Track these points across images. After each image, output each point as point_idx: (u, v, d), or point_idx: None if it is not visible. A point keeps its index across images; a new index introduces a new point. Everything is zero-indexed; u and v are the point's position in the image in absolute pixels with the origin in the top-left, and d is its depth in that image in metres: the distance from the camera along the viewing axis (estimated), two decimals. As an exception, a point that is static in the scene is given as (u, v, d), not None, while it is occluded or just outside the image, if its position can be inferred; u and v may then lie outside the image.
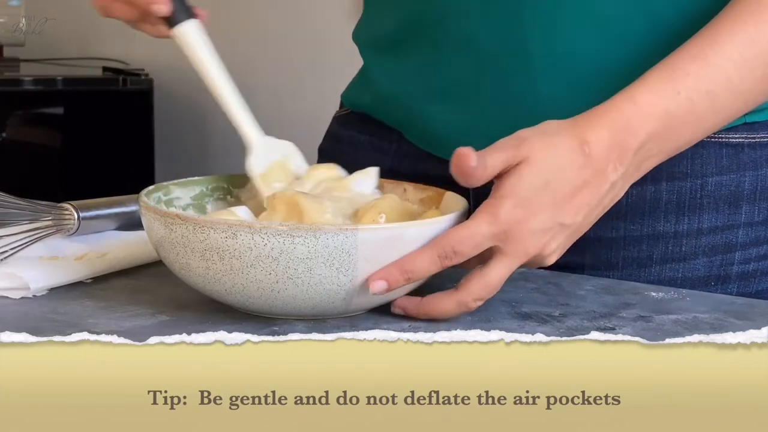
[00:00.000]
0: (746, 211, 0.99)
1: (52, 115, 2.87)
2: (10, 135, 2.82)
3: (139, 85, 2.87)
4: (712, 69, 0.88)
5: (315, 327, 0.81)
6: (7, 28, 3.03)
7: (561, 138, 0.84)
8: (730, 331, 0.82)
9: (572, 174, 0.83)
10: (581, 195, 0.84)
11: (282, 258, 0.77)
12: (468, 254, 0.81)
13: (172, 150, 3.01)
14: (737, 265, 1.00)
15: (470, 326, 0.81)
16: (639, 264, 0.99)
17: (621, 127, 0.85)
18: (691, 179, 0.98)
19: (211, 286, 0.81)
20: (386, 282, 0.79)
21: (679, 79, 0.87)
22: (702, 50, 0.88)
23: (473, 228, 0.81)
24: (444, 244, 0.80)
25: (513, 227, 0.81)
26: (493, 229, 0.81)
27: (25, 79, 2.88)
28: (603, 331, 0.82)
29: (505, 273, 0.83)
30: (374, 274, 0.79)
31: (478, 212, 0.82)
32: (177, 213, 0.82)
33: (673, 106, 0.87)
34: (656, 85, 0.87)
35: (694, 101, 0.88)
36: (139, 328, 0.80)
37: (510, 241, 0.82)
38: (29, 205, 0.95)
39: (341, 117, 1.16)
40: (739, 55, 0.88)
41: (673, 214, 0.99)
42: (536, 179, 0.82)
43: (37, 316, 0.82)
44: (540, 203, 0.82)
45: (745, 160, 0.99)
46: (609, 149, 0.85)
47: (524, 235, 0.82)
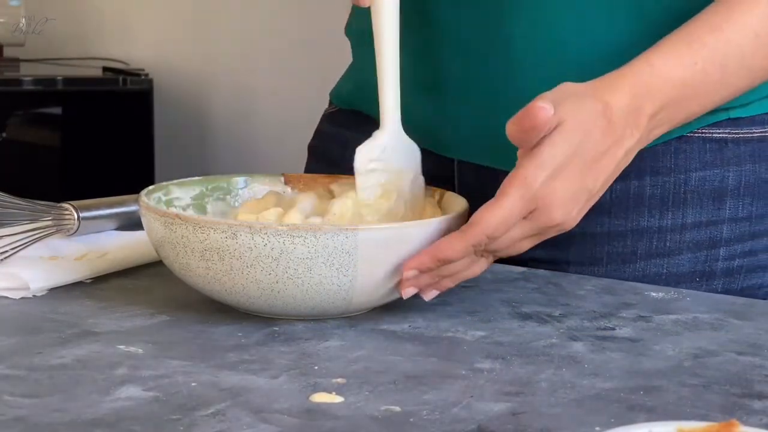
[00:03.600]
0: (730, 206, 0.99)
1: (51, 115, 2.88)
2: (10, 135, 2.82)
3: (139, 85, 2.87)
4: (726, 43, 0.88)
5: (315, 327, 0.81)
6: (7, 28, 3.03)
7: (588, 102, 0.83)
8: (730, 331, 0.82)
9: (597, 139, 0.83)
10: (602, 160, 0.84)
11: (282, 258, 0.77)
12: (503, 237, 0.80)
13: (172, 150, 3.01)
14: (722, 261, 0.99)
15: (471, 326, 0.82)
16: (623, 259, 0.99)
17: (641, 92, 0.85)
18: (675, 174, 0.98)
19: (211, 286, 0.81)
20: (419, 271, 0.80)
21: (697, 50, 0.88)
22: (719, 23, 0.89)
23: (508, 209, 0.80)
24: (479, 233, 0.79)
25: (543, 198, 0.81)
26: (527, 205, 0.80)
27: (25, 79, 2.88)
28: (603, 330, 0.82)
29: (521, 233, 0.82)
30: (407, 262, 0.79)
31: (509, 188, 0.80)
32: (177, 213, 0.82)
33: (689, 76, 0.88)
34: (674, 53, 0.87)
35: (708, 73, 0.88)
36: (139, 328, 0.80)
37: (538, 210, 0.81)
38: (29, 205, 0.95)
39: (330, 115, 1.16)
40: (753, 31, 0.89)
41: (657, 209, 0.98)
42: (568, 147, 0.81)
43: (37, 316, 0.82)
44: (569, 171, 0.82)
45: (728, 156, 0.99)
46: (627, 113, 0.85)
47: (554, 203, 0.81)
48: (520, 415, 0.65)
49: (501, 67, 0.97)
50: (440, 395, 0.68)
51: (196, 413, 0.64)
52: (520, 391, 0.69)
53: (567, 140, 0.81)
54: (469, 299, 0.87)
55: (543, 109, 0.79)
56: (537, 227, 0.82)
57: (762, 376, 0.73)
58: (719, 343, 0.79)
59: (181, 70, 3.02)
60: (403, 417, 0.65)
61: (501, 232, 0.80)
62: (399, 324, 0.82)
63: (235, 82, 2.91)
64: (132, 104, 2.88)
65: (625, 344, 0.79)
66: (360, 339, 0.79)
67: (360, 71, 1.11)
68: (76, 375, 0.70)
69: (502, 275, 0.94)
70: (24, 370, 0.70)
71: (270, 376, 0.70)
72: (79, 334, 0.78)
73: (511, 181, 0.80)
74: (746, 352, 0.77)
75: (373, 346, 0.77)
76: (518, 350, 0.77)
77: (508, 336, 0.80)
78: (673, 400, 0.68)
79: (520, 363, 0.74)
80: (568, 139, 0.81)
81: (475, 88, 0.98)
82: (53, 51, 3.16)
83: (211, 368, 0.72)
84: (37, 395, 0.66)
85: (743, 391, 0.70)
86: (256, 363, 0.73)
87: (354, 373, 0.72)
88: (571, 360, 0.75)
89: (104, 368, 0.71)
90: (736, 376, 0.73)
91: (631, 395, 0.69)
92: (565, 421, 0.65)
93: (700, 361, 0.75)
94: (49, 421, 0.63)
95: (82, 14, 3.24)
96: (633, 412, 0.66)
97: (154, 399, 0.66)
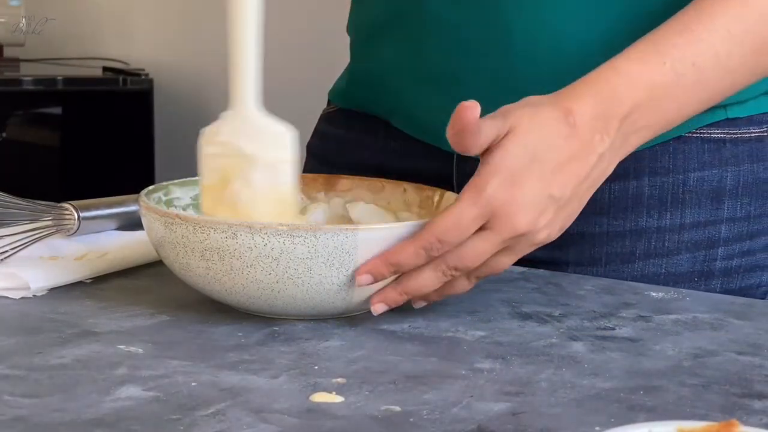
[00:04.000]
0: (728, 206, 0.99)
1: (51, 115, 2.88)
2: (10, 135, 2.82)
3: (139, 85, 2.87)
4: (698, 43, 0.87)
5: (315, 327, 0.81)
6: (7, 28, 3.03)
7: (545, 109, 0.82)
8: (730, 331, 0.82)
9: (558, 145, 0.81)
10: (569, 167, 0.82)
11: (282, 258, 0.77)
12: (455, 242, 0.78)
13: (172, 150, 3.01)
14: (720, 261, 0.99)
15: (471, 326, 0.82)
16: (622, 260, 0.99)
17: (605, 96, 0.84)
18: (674, 174, 0.98)
19: (211, 286, 0.81)
20: (372, 276, 0.78)
21: (665, 51, 0.86)
22: (688, 24, 0.87)
23: (458, 214, 0.78)
24: (428, 236, 0.78)
25: (501, 205, 0.79)
26: (479, 210, 0.78)
27: (25, 79, 2.88)
28: (603, 330, 0.82)
29: (486, 246, 0.80)
30: (361, 267, 0.78)
31: (462, 194, 0.79)
32: (177, 213, 0.82)
33: (658, 76, 0.86)
34: (641, 56, 0.86)
35: (680, 72, 0.86)
36: (139, 328, 0.80)
37: (496, 217, 0.79)
38: (29, 205, 0.95)
39: (328, 114, 1.16)
40: (726, 30, 0.87)
41: (655, 209, 0.99)
42: (523, 152, 0.80)
43: (37, 316, 0.82)
44: (527, 177, 0.80)
45: (726, 156, 0.99)
46: (594, 118, 0.83)
47: (512, 210, 0.79)
48: (520, 415, 0.65)
49: (500, 61, 0.97)
50: (440, 395, 0.68)
51: (196, 413, 0.64)
52: (520, 391, 0.69)
53: (519, 145, 0.80)
54: (469, 299, 0.87)
55: (467, 109, 0.78)
56: (502, 238, 0.80)
57: (762, 376, 0.73)
58: (719, 343, 0.79)
59: (181, 70, 3.02)
60: (403, 417, 0.65)
61: (452, 236, 0.78)
62: (399, 324, 0.82)
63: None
64: (132, 104, 2.88)
65: (625, 344, 0.79)
66: (360, 339, 0.79)
67: (358, 69, 1.11)
68: (76, 375, 0.70)
69: (502, 275, 0.94)
70: (24, 370, 0.70)
71: (270, 376, 0.70)
72: (79, 334, 0.78)
73: (464, 188, 0.79)
74: (746, 352, 0.77)
75: (373, 346, 0.77)
76: (518, 350, 0.77)
77: (508, 336, 0.80)
78: (673, 400, 0.68)
79: (520, 363, 0.74)
80: (521, 145, 0.80)
81: (475, 82, 0.98)
82: (53, 51, 3.16)
83: (211, 368, 0.72)
84: (37, 395, 0.66)
85: (743, 391, 0.70)
86: (256, 363, 0.73)
87: (354, 373, 0.72)
88: (571, 360, 0.75)
89: (104, 368, 0.71)
90: (736, 376, 0.73)
91: (631, 395, 0.69)
92: (565, 421, 0.65)
93: (700, 361, 0.75)
94: (49, 421, 0.63)
95: (82, 14, 3.24)
96: (633, 412, 0.66)
97: (154, 399, 0.66)
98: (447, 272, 0.80)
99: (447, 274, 0.80)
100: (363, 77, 1.09)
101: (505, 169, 0.79)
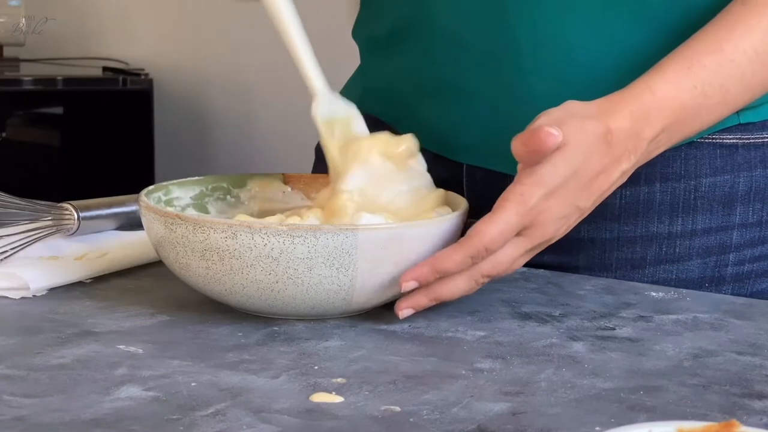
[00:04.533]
0: (740, 212, 0.99)
1: (52, 114, 2.88)
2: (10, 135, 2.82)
3: (139, 85, 2.87)
4: (728, 64, 0.89)
5: (315, 327, 0.81)
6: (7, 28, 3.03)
7: (591, 125, 0.84)
8: (730, 331, 0.82)
9: (595, 161, 0.84)
10: (597, 181, 0.84)
11: (282, 258, 0.77)
12: (498, 249, 0.81)
13: (172, 150, 3.02)
14: (731, 267, 0.99)
15: (471, 326, 0.82)
16: (633, 265, 0.99)
17: (640, 117, 0.86)
18: (685, 180, 0.98)
19: (211, 286, 0.81)
20: (418, 283, 0.80)
21: (696, 73, 0.88)
22: (719, 43, 0.89)
23: (504, 223, 0.80)
24: (477, 244, 0.80)
25: (538, 215, 0.81)
26: (522, 221, 0.81)
27: (25, 79, 2.88)
28: (603, 330, 0.82)
29: (518, 253, 0.82)
30: (405, 274, 0.79)
31: (506, 202, 0.81)
32: (177, 213, 0.82)
33: (688, 99, 0.88)
34: (674, 77, 0.88)
35: (708, 95, 0.89)
36: (139, 328, 0.80)
37: (532, 227, 0.82)
38: (29, 205, 0.95)
39: None
40: (753, 50, 0.89)
41: (666, 215, 0.99)
42: (568, 168, 0.82)
43: (37, 316, 0.82)
44: (566, 190, 0.82)
45: (739, 161, 0.99)
46: (627, 138, 0.85)
47: (548, 221, 0.82)
48: (520, 415, 0.65)
49: (509, 72, 0.97)
50: (440, 395, 0.68)
51: (196, 413, 0.64)
52: (520, 391, 0.69)
53: (567, 162, 0.82)
54: (469, 299, 0.87)
55: (552, 136, 0.80)
56: (532, 245, 0.83)
57: (762, 376, 0.73)
58: (719, 343, 0.79)
59: (181, 70, 3.02)
60: (403, 417, 0.65)
61: (497, 245, 0.80)
62: (399, 324, 0.82)
63: (235, 82, 2.91)
64: (132, 104, 2.88)
65: (625, 344, 0.79)
66: (360, 339, 0.79)
67: (368, 75, 1.11)
68: (76, 375, 0.70)
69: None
70: (24, 370, 0.70)
71: (270, 376, 0.70)
72: (79, 334, 0.78)
73: (507, 195, 0.81)
74: (746, 352, 0.77)
75: (373, 346, 0.77)
76: (518, 350, 0.77)
77: (508, 336, 0.80)
78: (673, 400, 0.68)
79: (520, 363, 0.74)
80: (568, 161, 0.82)
81: (483, 92, 0.98)
82: (53, 51, 3.16)
83: (211, 368, 0.72)
84: (37, 395, 0.66)
85: (743, 391, 0.70)
86: (256, 363, 0.73)
87: (354, 373, 0.72)
88: (571, 360, 0.75)
89: (104, 368, 0.71)
90: (736, 376, 0.73)
91: (631, 395, 0.69)
92: (565, 421, 0.65)
93: (700, 361, 0.75)
94: (49, 421, 0.63)
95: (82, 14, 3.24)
96: (633, 412, 0.66)
97: (154, 399, 0.66)
98: (480, 280, 0.82)
99: (479, 281, 0.82)
100: (372, 85, 1.09)
101: (550, 183, 0.81)
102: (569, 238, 0.93)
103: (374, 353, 0.76)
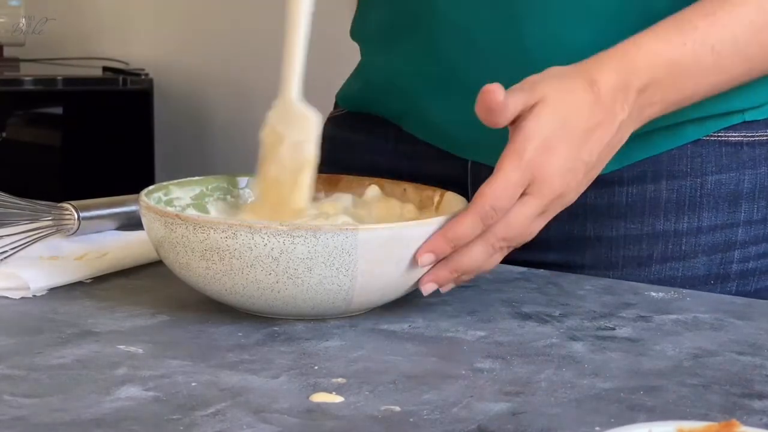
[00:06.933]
0: (745, 209, 0.99)
1: (52, 114, 2.88)
2: (10, 135, 2.82)
3: (139, 85, 2.87)
4: (720, 28, 0.89)
5: (315, 327, 0.81)
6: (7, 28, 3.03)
7: (571, 79, 0.85)
8: (730, 331, 0.82)
9: (585, 112, 0.84)
10: (595, 133, 0.85)
11: (282, 258, 0.77)
12: (506, 207, 0.81)
13: (172, 150, 3.01)
14: (737, 264, 1.00)
15: (471, 326, 0.82)
16: (639, 263, 0.99)
17: (626, 69, 0.86)
18: (691, 178, 0.99)
19: (211, 286, 0.81)
20: (434, 254, 0.80)
21: (687, 32, 0.89)
22: (713, 9, 0.90)
23: (503, 179, 0.81)
24: (483, 204, 0.80)
25: (539, 169, 0.82)
26: (521, 173, 0.81)
27: (25, 79, 2.88)
28: (603, 330, 0.82)
29: (530, 212, 0.82)
30: (422, 246, 0.79)
31: (502, 160, 0.82)
32: (177, 213, 0.82)
33: (677, 55, 0.88)
34: (663, 34, 0.89)
35: (699, 54, 0.89)
36: (139, 328, 0.80)
37: (536, 182, 0.82)
38: (29, 205, 0.95)
39: (336, 118, 1.15)
40: (748, 19, 0.90)
41: (672, 212, 0.99)
42: (554, 119, 0.83)
43: (37, 316, 0.82)
44: (559, 142, 0.83)
45: (744, 159, 0.99)
46: (615, 89, 0.86)
47: (551, 173, 0.82)
48: (520, 415, 0.65)
49: (514, 67, 0.96)
50: (440, 395, 0.68)
51: (196, 413, 0.64)
52: (520, 391, 0.69)
53: (550, 113, 0.82)
54: (469, 299, 0.87)
55: (492, 93, 0.80)
56: (543, 202, 0.82)
57: (762, 376, 0.73)
58: (719, 343, 0.79)
59: (181, 70, 3.02)
60: (403, 417, 0.65)
61: (502, 202, 0.80)
62: (399, 324, 0.82)
63: (235, 82, 2.91)
64: (132, 104, 2.88)
65: (625, 344, 0.79)
66: (360, 339, 0.79)
67: (368, 73, 1.11)
68: (76, 375, 0.70)
69: (502, 275, 0.94)
70: (24, 370, 0.70)
71: (270, 376, 0.70)
72: (79, 334, 0.78)
73: (503, 155, 0.82)
74: (746, 352, 0.77)
75: (373, 346, 0.77)
76: (518, 350, 0.77)
77: (508, 336, 0.80)
78: (673, 400, 0.68)
79: (520, 363, 0.74)
80: (552, 112, 0.83)
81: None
82: (53, 51, 3.16)
83: (211, 368, 0.72)
84: (37, 395, 0.66)
85: (743, 391, 0.70)
86: (256, 363, 0.73)
87: (354, 373, 0.72)
88: (571, 360, 0.75)
89: (104, 368, 0.71)
90: (736, 376, 0.73)
91: (631, 395, 0.69)
92: (565, 421, 0.65)
93: (700, 361, 0.75)
94: (49, 421, 0.63)
95: (82, 14, 3.24)
96: (633, 412, 0.66)
97: (154, 399, 0.66)
98: (496, 244, 0.82)
99: (496, 246, 0.82)
100: (374, 81, 1.09)
101: (539, 135, 0.82)
102: (575, 236, 0.94)
103: (374, 353, 0.76)
